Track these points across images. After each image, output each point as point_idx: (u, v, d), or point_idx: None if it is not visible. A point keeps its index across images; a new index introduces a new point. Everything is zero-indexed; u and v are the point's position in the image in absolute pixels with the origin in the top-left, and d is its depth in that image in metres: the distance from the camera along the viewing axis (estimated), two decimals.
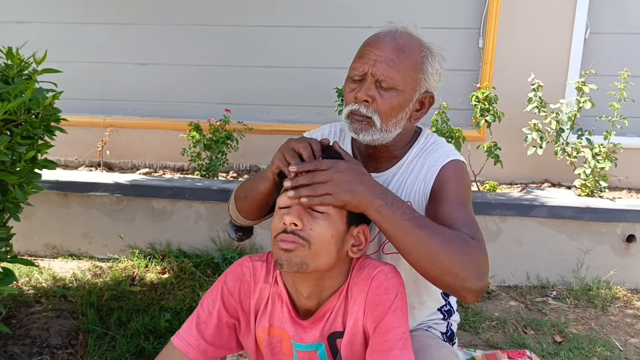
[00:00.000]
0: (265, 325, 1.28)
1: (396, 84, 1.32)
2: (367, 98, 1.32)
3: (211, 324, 1.26)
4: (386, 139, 1.38)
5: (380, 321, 1.18)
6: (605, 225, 2.80)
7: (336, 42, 3.42)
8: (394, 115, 1.35)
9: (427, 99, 1.40)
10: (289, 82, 3.52)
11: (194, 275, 2.86)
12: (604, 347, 2.38)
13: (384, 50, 1.32)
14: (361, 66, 1.33)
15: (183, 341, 1.25)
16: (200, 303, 1.29)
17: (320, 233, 1.14)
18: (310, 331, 1.25)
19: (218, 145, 3.16)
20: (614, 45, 3.27)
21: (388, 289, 1.21)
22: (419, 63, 1.34)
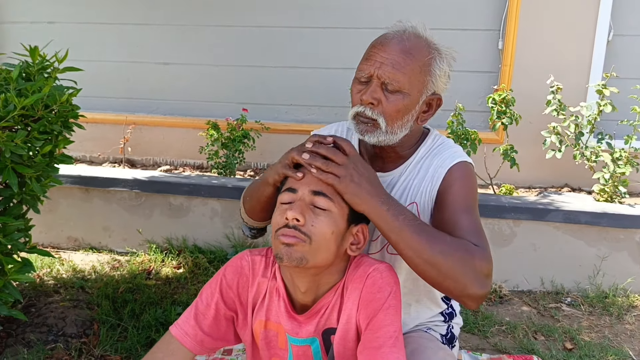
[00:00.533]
0: (262, 319, 1.29)
1: (402, 86, 1.31)
2: (373, 100, 1.32)
3: (209, 315, 1.28)
4: (392, 140, 1.38)
5: (372, 318, 1.19)
6: (623, 231, 2.73)
7: (355, 43, 3.40)
8: (400, 117, 1.35)
9: (435, 101, 1.39)
10: (308, 83, 3.55)
11: (207, 270, 2.91)
12: (616, 356, 2.33)
13: (390, 52, 1.32)
14: (367, 68, 1.33)
15: (181, 330, 1.27)
16: (200, 294, 1.31)
17: (321, 229, 1.15)
18: (305, 326, 1.26)
19: (235, 144, 3.21)
20: (637, 48, 3.19)
21: (382, 287, 1.21)
22: (426, 65, 1.34)
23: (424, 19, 3.22)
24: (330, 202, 1.17)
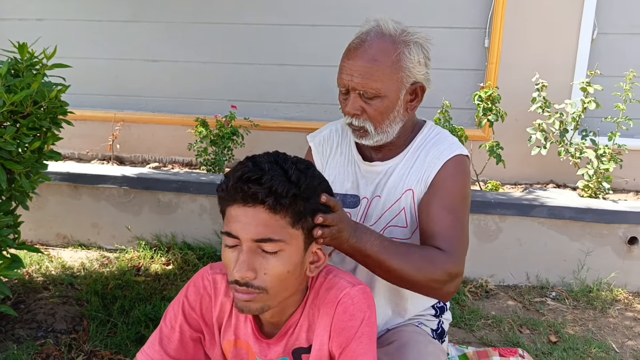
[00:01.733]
0: (230, 338, 1.27)
1: (378, 92, 1.36)
2: (356, 112, 1.39)
3: (174, 339, 1.24)
4: (389, 136, 1.44)
5: (345, 347, 1.16)
6: (606, 226, 2.79)
7: (343, 40, 3.43)
8: (385, 118, 1.40)
9: (418, 89, 1.43)
10: (297, 80, 3.57)
11: (196, 267, 2.92)
12: (599, 349, 2.37)
13: (357, 63, 1.36)
14: (342, 82, 1.40)
15: (146, 357, 1.25)
16: (163, 317, 1.27)
17: (276, 274, 1.08)
18: (274, 347, 1.24)
19: (223, 140, 3.22)
20: (621, 46, 3.25)
21: (354, 314, 1.17)
22: (394, 63, 1.37)
23: (411, 17, 3.30)
24: (279, 243, 1.06)
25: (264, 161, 1.09)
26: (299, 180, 1.07)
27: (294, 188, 1.06)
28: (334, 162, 1.57)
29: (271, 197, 1.04)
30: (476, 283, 2.87)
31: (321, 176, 1.18)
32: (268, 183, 1.04)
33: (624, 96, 2.96)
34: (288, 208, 1.06)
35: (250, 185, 1.04)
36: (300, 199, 1.07)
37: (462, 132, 2.98)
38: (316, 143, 1.61)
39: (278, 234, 1.06)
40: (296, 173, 1.07)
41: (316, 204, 1.12)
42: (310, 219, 1.11)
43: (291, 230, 1.07)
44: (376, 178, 1.51)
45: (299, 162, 1.12)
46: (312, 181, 1.11)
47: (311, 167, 1.14)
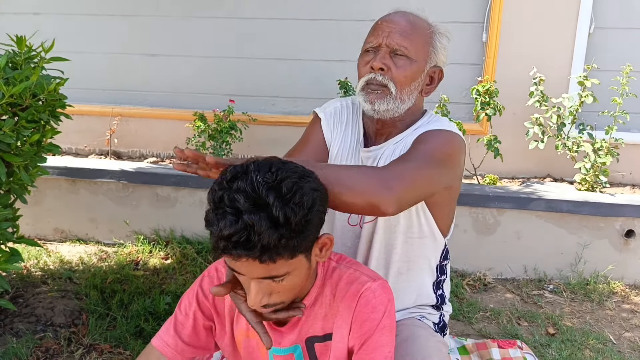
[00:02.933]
0: (243, 327, 1.28)
1: (409, 52, 1.40)
2: (383, 66, 1.39)
3: (188, 325, 1.27)
4: (400, 108, 1.43)
5: (367, 339, 1.19)
6: (603, 219, 2.80)
7: (339, 35, 3.46)
8: (408, 83, 1.41)
9: (437, 74, 1.47)
10: (294, 75, 3.57)
11: (195, 261, 2.93)
12: (597, 340, 2.39)
13: (396, 23, 1.42)
14: (375, 39, 1.42)
15: (161, 341, 1.28)
16: (178, 305, 1.31)
17: (289, 289, 1.10)
18: (287, 335, 1.25)
19: (222, 135, 3.22)
20: (618, 41, 3.26)
21: (375, 307, 1.20)
22: (428, 37, 1.44)
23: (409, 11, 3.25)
24: (284, 276, 1.05)
25: (241, 203, 0.96)
26: (287, 219, 0.97)
27: (284, 231, 0.97)
28: (343, 138, 1.55)
29: (265, 255, 0.98)
30: (474, 276, 2.88)
31: (312, 185, 1.04)
32: (257, 242, 0.96)
33: (621, 90, 2.98)
34: (284, 252, 1.00)
35: (239, 251, 0.97)
36: (294, 237, 0.99)
37: (460, 126, 2.98)
38: (327, 115, 1.57)
39: (280, 270, 1.03)
40: (282, 210, 0.96)
41: (313, 228, 1.04)
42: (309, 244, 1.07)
43: (292, 261, 1.04)
44: (367, 162, 1.51)
45: (282, 182, 0.99)
46: (301, 209, 0.99)
47: (296, 184, 1.00)
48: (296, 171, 1.03)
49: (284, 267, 1.03)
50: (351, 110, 1.57)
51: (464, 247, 2.85)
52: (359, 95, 1.44)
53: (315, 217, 1.03)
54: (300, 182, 1.01)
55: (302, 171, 1.05)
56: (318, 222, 1.06)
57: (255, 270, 1.02)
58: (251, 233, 0.95)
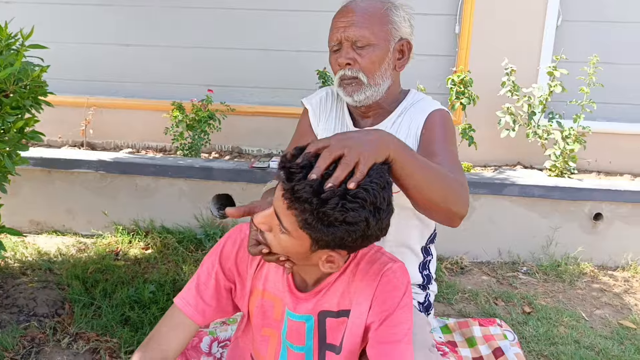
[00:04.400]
0: (259, 287, 1.31)
1: (369, 40, 1.44)
2: (348, 60, 1.45)
3: (210, 285, 1.30)
4: (378, 92, 1.49)
5: (389, 315, 1.23)
6: (573, 203, 2.93)
7: (317, 25, 3.48)
8: (377, 68, 1.47)
9: (405, 45, 1.51)
10: (273, 65, 3.59)
11: (177, 250, 2.93)
12: (570, 318, 2.51)
13: (349, 15, 1.45)
14: (334, 36, 1.48)
15: (183, 301, 1.30)
16: (201, 266, 1.33)
17: (278, 247, 1.14)
18: (305, 303, 1.28)
19: (200, 124, 3.22)
20: (585, 33, 3.39)
21: (397, 286, 1.24)
22: (384, 16, 1.47)
23: None
24: (281, 234, 1.11)
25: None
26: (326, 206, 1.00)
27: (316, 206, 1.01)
28: (328, 125, 1.62)
29: (288, 194, 1.03)
30: (452, 260, 2.97)
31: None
32: (308, 186, 1.00)
33: (588, 80, 3.11)
34: (304, 223, 1.04)
35: (297, 184, 1.02)
36: (318, 223, 1.03)
37: None
38: (313, 105, 1.65)
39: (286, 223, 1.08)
40: (340, 208, 1.00)
41: (337, 232, 1.04)
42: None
43: (297, 233, 1.07)
44: None
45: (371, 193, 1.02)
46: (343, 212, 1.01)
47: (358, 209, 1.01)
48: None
49: (288, 222, 1.07)
50: (336, 97, 1.64)
51: (442, 232, 2.90)
52: (338, 91, 1.51)
53: (345, 229, 1.03)
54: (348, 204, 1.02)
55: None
56: (344, 235, 1.05)
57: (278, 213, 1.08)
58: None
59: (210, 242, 2.97)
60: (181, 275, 2.69)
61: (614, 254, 2.99)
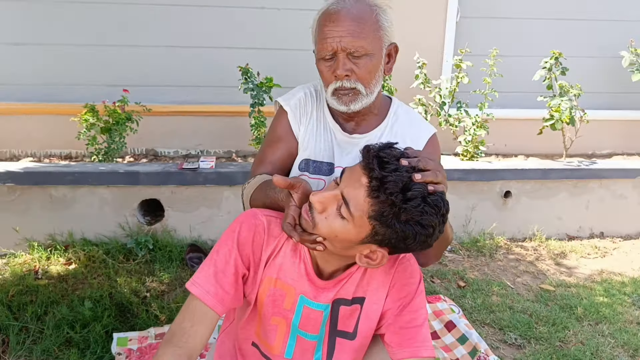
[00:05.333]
0: (272, 276, 1.28)
1: (366, 50, 1.40)
2: (347, 72, 1.40)
3: (229, 273, 1.23)
4: (371, 100, 1.47)
5: (410, 301, 1.28)
6: (487, 184, 3.20)
7: (234, 22, 3.44)
8: (373, 77, 1.44)
9: (393, 49, 1.49)
10: (188, 62, 3.46)
11: (105, 262, 2.73)
12: (499, 287, 2.75)
13: (344, 25, 1.38)
14: (329, 46, 1.39)
15: (202, 290, 1.21)
16: (215, 252, 1.25)
17: (327, 231, 1.16)
18: (327, 292, 1.28)
19: (119, 127, 3.02)
20: (481, 28, 3.71)
21: (413, 273, 1.30)
22: (375, 22, 1.42)
23: (293, 2, 3.38)
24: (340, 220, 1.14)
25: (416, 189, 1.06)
26: (405, 206, 1.06)
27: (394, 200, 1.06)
28: (310, 128, 1.56)
29: (376, 182, 1.07)
30: None
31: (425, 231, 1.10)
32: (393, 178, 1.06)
33: (490, 71, 3.41)
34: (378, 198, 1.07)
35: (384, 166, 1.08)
36: (387, 215, 1.07)
37: None
38: (292, 106, 1.57)
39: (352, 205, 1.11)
40: (420, 207, 1.06)
41: (404, 234, 1.09)
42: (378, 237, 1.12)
43: (363, 221, 1.10)
44: (354, 150, 1.52)
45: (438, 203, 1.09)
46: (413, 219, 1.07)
47: (428, 212, 1.08)
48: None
49: (359, 209, 1.09)
50: (315, 98, 1.59)
51: None
52: (331, 99, 1.46)
53: (414, 232, 1.08)
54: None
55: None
56: (410, 235, 1.09)
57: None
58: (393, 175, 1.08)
59: (143, 250, 2.81)
60: (117, 288, 2.52)
61: (522, 227, 3.32)
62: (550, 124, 3.36)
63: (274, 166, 1.56)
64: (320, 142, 1.56)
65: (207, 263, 1.25)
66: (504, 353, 2.26)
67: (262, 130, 3.23)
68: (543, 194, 3.32)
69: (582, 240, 3.40)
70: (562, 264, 3.09)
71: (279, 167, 1.56)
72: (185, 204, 2.97)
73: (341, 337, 1.35)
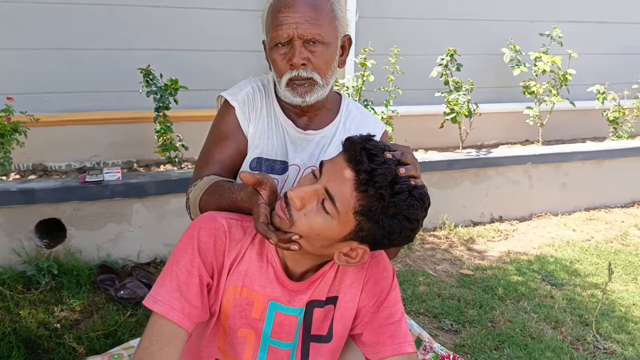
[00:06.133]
0: (237, 284, 1.18)
1: (323, 38, 1.34)
2: (303, 61, 1.34)
3: (193, 284, 1.12)
4: (326, 92, 1.41)
5: (386, 297, 1.24)
6: None
7: (134, 22, 3.19)
8: (329, 67, 1.39)
9: (347, 41, 1.45)
10: (79, 66, 3.12)
11: (2, 294, 2.38)
12: (423, 277, 2.83)
13: (300, 11, 1.32)
14: (284, 32, 1.32)
15: (166, 307, 1.09)
16: (174, 263, 1.13)
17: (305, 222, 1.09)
18: (301, 295, 1.21)
19: (4, 140, 2.65)
20: (380, 28, 3.80)
21: (386, 267, 1.25)
22: (331, 12, 1.37)
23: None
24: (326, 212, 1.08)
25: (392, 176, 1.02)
26: (391, 200, 1.02)
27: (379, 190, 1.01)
28: (260, 125, 1.47)
29: (365, 175, 1.02)
30: None
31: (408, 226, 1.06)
32: (380, 171, 1.01)
33: (393, 69, 3.51)
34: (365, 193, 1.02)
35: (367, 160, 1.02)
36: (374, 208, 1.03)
37: None
38: (240, 102, 1.46)
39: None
40: (408, 199, 1.02)
41: (386, 228, 1.05)
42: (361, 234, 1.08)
43: (348, 217, 1.05)
44: (309, 147, 1.48)
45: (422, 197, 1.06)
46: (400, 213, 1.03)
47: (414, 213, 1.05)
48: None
49: (344, 204, 1.04)
50: (263, 93, 1.50)
51: None
52: (285, 91, 1.39)
53: (400, 226, 1.05)
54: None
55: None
56: (396, 230, 1.05)
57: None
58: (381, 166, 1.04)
59: (46, 277, 2.49)
60: (22, 322, 2.21)
61: (432, 217, 3.46)
62: (452, 117, 3.55)
63: (223, 166, 1.45)
64: (272, 139, 1.47)
65: (166, 277, 1.12)
66: (444, 339, 2.32)
67: (168, 136, 3.03)
68: (449, 183, 3.49)
69: (485, 225, 3.63)
70: (473, 249, 3.26)
71: (228, 167, 1.46)
72: (90, 222, 2.69)
73: (315, 341, 1.28)
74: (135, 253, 2.80)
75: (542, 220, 3.78)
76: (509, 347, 2.28)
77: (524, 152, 3.76)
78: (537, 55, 3.91)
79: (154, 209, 2.82)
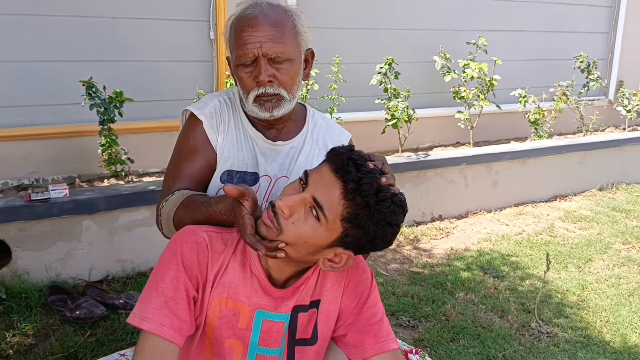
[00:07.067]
0: (222, 296, 1.20)
1: (287, 55, 1.38)
2: (269, 78, 1.37)
3: (180, 299, 1.13)
4: (292, 105, 1.45)
5: (367, 297, 1.29)
6: None
7: (76, 33, 3.08)
8: (295, 82, 1.43)
9: (310, 55, 1.50)
10: (13, 79, 2.97)
11: None
12: (377, 276, 2.94)
13: (263, 30, 1.36)
14: (249, 52, 1.36)
15: (155, 324, 1.10)
16: (159, 280, 1.13)
17: (292, 233, 1.13)
18: (287, 301, 1.24)
19: None
20: (321, 38, 3.86)
21: (364, 269, 1.31)
22: (293, 28, 1.41)
23: (140, 8, 3.27)
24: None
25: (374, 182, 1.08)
26: (375, 208, 1.08)
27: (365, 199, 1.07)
28: (229, 137, 1.49)
29: (352, 184, 1.07)
30: None
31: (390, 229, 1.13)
32: (367, 180, 1.07)
33: (335, 77, 3.61)
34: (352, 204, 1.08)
35: (354, 170, 1.08)
36: (361, 217, 1.09)
37: None
38: (207, 115, 1.47)
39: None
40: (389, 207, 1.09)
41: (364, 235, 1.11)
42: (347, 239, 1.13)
43: (335, 224, 1.10)
44: (278, 157, 1.52)
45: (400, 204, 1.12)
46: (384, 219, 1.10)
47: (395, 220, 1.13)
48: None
49: (333, 212, 1.09)
50: (230, 106, 1.53)
51: None
52: (252, 107, 1.42)
53: (382, 232, 1.11)
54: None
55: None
56: (380, 235, 1.12)
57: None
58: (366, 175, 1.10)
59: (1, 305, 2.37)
60: None
61: None
62: (392, 123, 3.70)
63: (193, 180, 1.46)
64: (242, 151, 1.50)
65: (152, 294, 1.14)
66: (403, 335, 2.43)
67: (113, 150, 2.96)
68: None
69: (427, 224, 3.81)
70: (419, 248, 3.42)
71: (198, 181, 1.47)
72: (37, 241, 2.59)
73: (300, 345, 1.32)
74: (86, 271, 2.72)
75: (478, 217, 4.02)
76: (464, 338, 2.43)
77: (459, 154, 3.98)
78: (466, 62, 4.16)
79: (104, 225, 2.75)
